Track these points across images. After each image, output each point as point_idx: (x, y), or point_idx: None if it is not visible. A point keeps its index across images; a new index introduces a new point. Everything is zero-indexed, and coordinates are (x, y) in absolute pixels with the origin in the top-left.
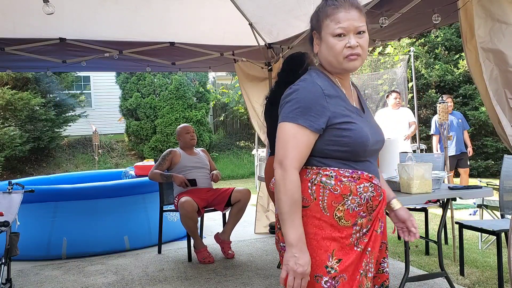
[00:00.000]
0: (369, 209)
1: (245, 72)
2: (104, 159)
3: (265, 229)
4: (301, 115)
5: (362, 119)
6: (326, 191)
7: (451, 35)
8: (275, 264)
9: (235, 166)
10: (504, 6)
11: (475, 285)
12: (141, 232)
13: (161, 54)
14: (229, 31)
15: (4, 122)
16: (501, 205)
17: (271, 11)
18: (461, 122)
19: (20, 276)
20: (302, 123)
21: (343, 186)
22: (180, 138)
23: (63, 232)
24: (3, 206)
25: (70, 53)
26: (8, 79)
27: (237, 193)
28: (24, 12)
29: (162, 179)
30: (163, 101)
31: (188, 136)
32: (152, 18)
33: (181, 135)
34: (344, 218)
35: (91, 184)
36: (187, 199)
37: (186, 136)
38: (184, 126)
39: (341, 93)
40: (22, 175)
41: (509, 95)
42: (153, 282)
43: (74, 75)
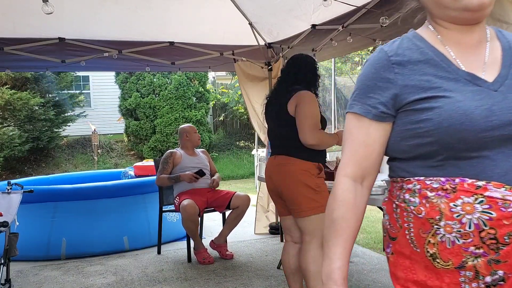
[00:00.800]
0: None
1: (245, 72)
2: (103, 159)
3: (265, 230)
4: (359, 100)
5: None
6: (410, 214)
7: None
8: (275, 265)
9: (235, 166)
10: (505, 6)
11: None
12: (141, 232)
13: (161, 54)
14: (229, 31)
15: (3, 122)
16: None
17: (271, 11)
18: None
19: (19, 277)
20: (358, 110)
21: (429, 206)
22: (188, 137)
23: (63, 232)
24: (2, 206)
25: (69, 53)
26: (7, 79)
27: (236, 199)
28: (23, 12)
29: (170, 182)
30: (163, 101)
31: (196, 135)
32: (151, 18)
33: (189, 135)
34: (441, 257)
35: (90, 184)
36: (189, 203)
37: (195, 135)
38: (192, 126)
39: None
40: (21, 175)
41: None
42: (152, 282)
43: (73, 75)
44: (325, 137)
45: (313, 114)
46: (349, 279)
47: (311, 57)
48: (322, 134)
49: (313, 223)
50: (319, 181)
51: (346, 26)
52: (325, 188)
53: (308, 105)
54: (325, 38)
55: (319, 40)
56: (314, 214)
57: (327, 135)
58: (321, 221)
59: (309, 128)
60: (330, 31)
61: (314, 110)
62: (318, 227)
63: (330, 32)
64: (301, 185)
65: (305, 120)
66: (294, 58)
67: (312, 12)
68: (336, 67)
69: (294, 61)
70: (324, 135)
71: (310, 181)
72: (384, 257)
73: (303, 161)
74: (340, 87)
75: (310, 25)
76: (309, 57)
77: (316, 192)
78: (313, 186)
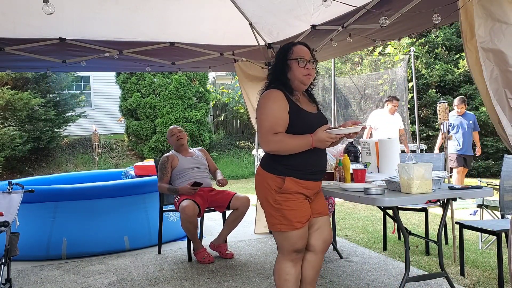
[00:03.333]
0: None
1: (245, 72)
2: (104, 159)
3: (265, 229)
4: None
5: None
6: None
7: (451, 35)
8: None
9: (235, 166)
10: (504, 6)
11: (475, 285)
12: (141, 232)
13: (161, 54)
14: (229, 31)
15: (4, 122)
16: (501, 205)
17: (271, 11)
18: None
19: (20, 276)
20: None
21: None
22: (169, 142)
23: (63, 232)
24: (3, 206)
25: (70, 53)
26: (8, 79)
27: (236, 201)
28: (24, 12)
29: (170, 193)
30: (163, 101)
31: (174, 138)
32: (152, 18)
33: (168, 139)
34: None
35: (91, 184)
36: (189, 203)
37: (172, 139)
38: (169, 130)
39: None
40: (22, 175)
41: (509, 95)
42: (153, 282)
43: (74, 75)
44: (285, 141)
45: (267, 117)
46: (349, 279)
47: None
48: (280, 138)
49: (276, 238)
50: (280, 197)
51: (346, 27)
52: (290, 205)
53: (260, 110)
54: (325, 39)
55: (319, 40)
56: (274, 231)
57: (291, 139)
58: (282, 239)
59: (262, 135)
60: (330, 32)
61: (267, 112)
62: (279, 243)
63: (330, 33)
64: (262, 198)
65: (259, 126)
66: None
67: (312, 12)
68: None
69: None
70: (284, 138)
71: (268, 195)
72: (384, 256)
73: (265, 172)
74: (340, 87)
75: (310, 25)
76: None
77: (274, 209)
78: (271, 201)
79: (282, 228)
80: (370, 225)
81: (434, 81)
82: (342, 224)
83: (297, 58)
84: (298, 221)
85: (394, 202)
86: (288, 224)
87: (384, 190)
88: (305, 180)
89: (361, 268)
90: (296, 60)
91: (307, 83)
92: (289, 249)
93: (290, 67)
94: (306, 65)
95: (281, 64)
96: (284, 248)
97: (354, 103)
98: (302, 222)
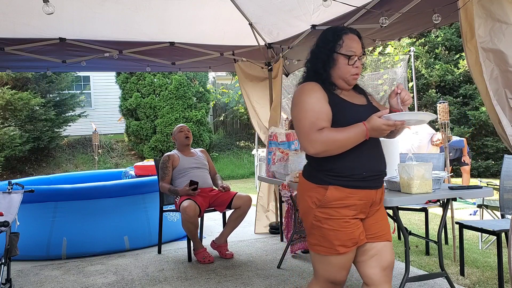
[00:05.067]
0: None
1: (245, 72)
2: (104, 159)
3: (265, 229)
4: None
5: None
6: None
7: (451, 35)
8: (275, 264)
9: (235, 166)
10: (504, 6)
11: (475, 285)
12: (141, 232)
13: (161, 54)
14: (229, 31)
15: (4, 122)
16: (501, 205)
17: (271, 11)
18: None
19: (20, 276)
20: None
21: None
22: (175, 137)
23: (63, 232)
24: (3, 206)
25: (70, 53)
26: (8, 79)
27: (238, 200)
28: (24, 12)
29: (170, 194)
30: (163, 101)
31: (182, 134)
32: (152, 18)
33: (175, 134)
34: None
35: (91, 184)
36: (190, 203)
37: (180, 134)
38: (178, 126)
39: None
40: (22, 175)
41: (509, 95)
42: (153, 282)
43: (74, 75)
44: (333, 135)
45: (305, 113)
46: (349, 279)
47: (333, 31)
48: (326, 134)
49: (312, 259)
50: (321, 212)
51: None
52: (332, 224)
53: (296, 107)
54: None
55: None
56: (312, 252)
57: (340, 132)
58: (318, 263)
59: (303, 135)
60: None
61: (304, 107)
62: (315, 266)
63: None
64: (301, 211)
65: (298, 127)
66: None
67: (312, 12)
68: None
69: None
70: (331, 133)
71: (308, 209)
72: None
73: (306, 181)
74: None
75: (310, 25)
76: (329, 33)
77: (313, 226)
78: (310, 216)
79: (321, 251)
80: None
81: (434, 81)
82: None
83: (348, 55)
84: (342, 244)
85: (394, 202)
86: (328, 247)
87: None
88: (354, 189)
89: None
90: (345, 57)
91: (352, 84)
92: (325, 277)
93: (336, 62)
94: (355, 63)
95: (325, 56)
96: (319, 274)
97: None
98: (347, 246)
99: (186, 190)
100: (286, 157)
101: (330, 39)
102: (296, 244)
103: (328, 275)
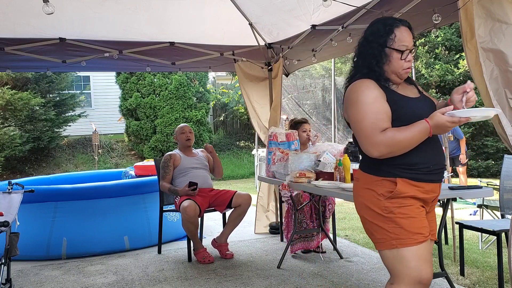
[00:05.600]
0: None
1: (245, 72)
2: (104, 159)
3: (265, 229)
4: None
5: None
6: None
7: (451, 35)
8: (275, 264)
9: (235, 166)
10: (504, 6)
11: (475, 285)
12: (141, 232)
13: (161, 54)
14: (229, 31)
15: (4, 122)
16: (501, 205)
17: (271, 11)
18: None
19: (20, 276)
20: None
21: None
22: (177, 138)
23: (63, 232)
24: (3, 206)
25: (70, 53)
26: (8, 79)
27: (238, 198)
28: (24, 12)
29: (170, 193)
30: (163, 101)
31: (183, 136)
32: (152, 18)
33: (177, 135)
34: None
35: (91, 184)
36: (190, 203)
37: (181, 136)
38: (180, 126)
39: None
40: (22, 175)
41: (509, 95)
42: (153, 282)
43: (74, 75)
44: (397, 136)
45: (365, 114)
46: (349, 279)
47: (383, 23)
48: (390, 135)
49: (388, 260)
50: (391, 202)
51: (346, 27)
52: (406, 212)
53: (354, 107)
54: (325, 39)
55: (319, 40)
56: (386, 249)
57: (404, 131)
58: (397, 261)
59: (366, 137)
60: (330, 32)
61: (363, 107)
62: (393, 268)
63: (330, 33)
64: (364, 209)
65: (358, 129)
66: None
67: (312, 12)
68: (336, 67)
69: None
70: (395, 134)
71: (374, 203)
72: None
73: (368, 175)
74: (340, 87)
75: (310, 25)
76: (379, 26)
77: (384, 219)
78: (379, 210)
79: (398, 244)
80: None
81: (434, 81)
82: (342, 224)
83: (401, 50)
84: (419, 232)
85: None
86: (405, 237)
87: None
88: (422, 182)
89: (361, 268)
90: (398, 52)
91: (404, 78)
92: (410, 276)
93: (389, 58)
94: (407, 56)
95: (376, 51)
96: (402, 275)
97: None
98: (424, 234)
99: (186, 191)
100: (286, 157)
101: (381, 33)
102: (296, 244)
103: (413, 273)
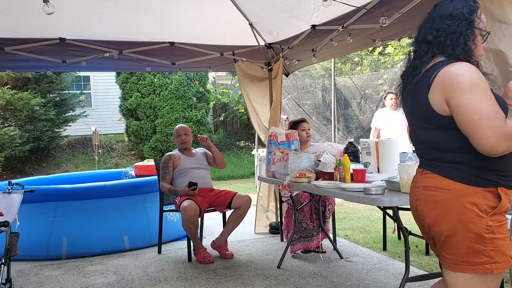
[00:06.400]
0: None
1: (245, 72)
2: (104, 159)
3: (265, 229)
4: None
5: None
6: None
7: None
8: (275, 264)
9: (235, 166)
10: (505, 6)
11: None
12: (141, 232)
13: (161, 54)
14: (229, 31)
15: (4, 122)
16: None
17: (271, 11)
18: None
19: (20, 276)
20: None
21: None
22: (175, 140)
23: (63, 232)
24: (3, 206)
25: (70, 53)
26: (8, 79)
27: (238, 200)
28: (24, 12)
29: (170, 194)
30: (163, 101)
31: (179, 139)
32: (152, 18)
33: (174, 138)
34: None
35: (91, 184)
36: (190, 203)
37: (177, 140)
38: (176, 129)
39: None
40: (22, 175)
41: None
42: (153, 282)
43: (74, 75)
44: None
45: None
46: (349, 279)
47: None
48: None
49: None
50: (493, 220)
51: (346, 27)
52: (503, 231)
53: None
54: (325, 39)
55: (319, 40)
56: (473, 273)
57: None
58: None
59: (490, 128)
60: (330, 32)
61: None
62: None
63: (330, 33)
64: (459, 227)
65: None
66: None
67: (312, 12)
68: (336, 67)
69: (433, 10)
70: None
71: (474, 221)
72: (384, 256)
73: (463, 185)
74: (340, 87)
75: (310, 25)
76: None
77: (484, 240)
78: (480, 229)
79: (493, 269)
80: (370, 225)
81: None
82: (342, 224)
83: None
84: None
85: (394, 202)
86: (503, 260)
87: (384, 190)
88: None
89: (361, 268)
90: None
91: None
92: None
93: (475, 39)
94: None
95: (465, 29)
96: None
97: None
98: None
99: (186, 191)
100: (286, 157)
101: (469, 11)
102: (296, 244)
103: None
